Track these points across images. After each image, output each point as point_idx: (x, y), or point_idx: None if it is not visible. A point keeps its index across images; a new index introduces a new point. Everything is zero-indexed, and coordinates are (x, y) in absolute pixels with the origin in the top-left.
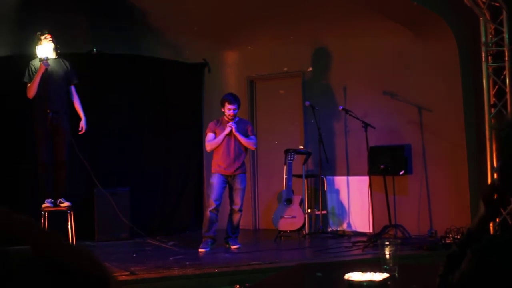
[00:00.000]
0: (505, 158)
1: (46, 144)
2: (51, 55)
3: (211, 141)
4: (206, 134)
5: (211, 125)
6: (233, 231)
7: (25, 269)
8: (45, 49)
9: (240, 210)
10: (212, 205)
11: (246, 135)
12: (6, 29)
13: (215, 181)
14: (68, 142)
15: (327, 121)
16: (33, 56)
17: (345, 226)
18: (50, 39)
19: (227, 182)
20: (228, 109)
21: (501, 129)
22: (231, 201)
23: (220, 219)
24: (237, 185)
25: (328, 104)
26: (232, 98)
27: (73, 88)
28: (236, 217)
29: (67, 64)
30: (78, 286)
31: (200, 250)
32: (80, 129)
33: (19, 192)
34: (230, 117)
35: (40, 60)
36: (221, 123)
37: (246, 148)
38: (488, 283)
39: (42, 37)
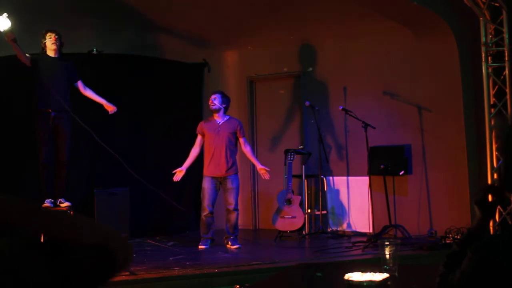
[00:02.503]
0: (507, 157)
1: (48, 144)
2: (9, 25)
3: (193, 150)
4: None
5: (199, 126)
6: (232, 231)
7: (20, 257)
8: (3, 21)
9: (235, 209)
10: (206, 211)
11: (234, 134)
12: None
13: (206, 185)
14: (68, 143)
15: (327, 121)
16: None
17: (345, 226)
18: (54, 40)
19: (219, 183)
20: (210, 101)
21: (503, 129)
22: (225, 202)
23: (218, 220)
24: (229, 185)
25: (328, 104)
26: (216, 91)
27: (80, 83)
28: (232, 216)
29: (69, 63)
30: (81, 263)
31: (200, 246)
32: (111, 111)
33: (21, 192)
34: (212, 109)
35: (5, 35)
36: (209, 122)
37: (236, 149)
38: (489, 282)
39: (47, 35)
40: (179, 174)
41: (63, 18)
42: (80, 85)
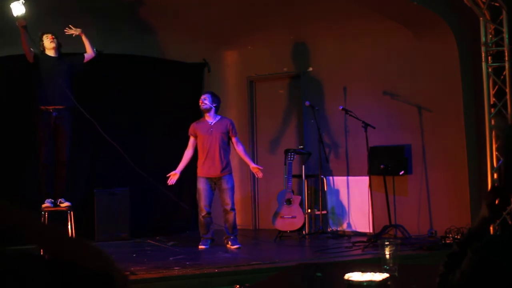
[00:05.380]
0: (507, 157)
1: (48, 144)
2: (24, 11)
3: (186, 153)
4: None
5: (191, 127)
6: (231, 231)
7: (24, 268)
8: (18, 6)
9: (232, 209)
10: (203, 212)
11: (227, 133)
12: (7, 29)
13: (201, 186)
14: (68, 143)
15: (327, 121)
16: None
17: (345, 226)
18: (52, 39)
19: (214, 183)
20: (200, 101)
21: (503, 129)
22: (222, 202)
23: (217, 220)
24: (224, 185)
25: (328, 104)
26: (206, 91)
27: (86, 55)
28: (230, 216)
29: (67, 59)
30: (81, 282)
31: (200, 246)
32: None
33: (21, 192)
34: (203, 109)
35: (17, 20)
36: (201, 123)
37: (229, 148)
38: (489, 282)
39: (43, 37)
40: (173, 177)
41: (63, 18)
42: (86, 56)
